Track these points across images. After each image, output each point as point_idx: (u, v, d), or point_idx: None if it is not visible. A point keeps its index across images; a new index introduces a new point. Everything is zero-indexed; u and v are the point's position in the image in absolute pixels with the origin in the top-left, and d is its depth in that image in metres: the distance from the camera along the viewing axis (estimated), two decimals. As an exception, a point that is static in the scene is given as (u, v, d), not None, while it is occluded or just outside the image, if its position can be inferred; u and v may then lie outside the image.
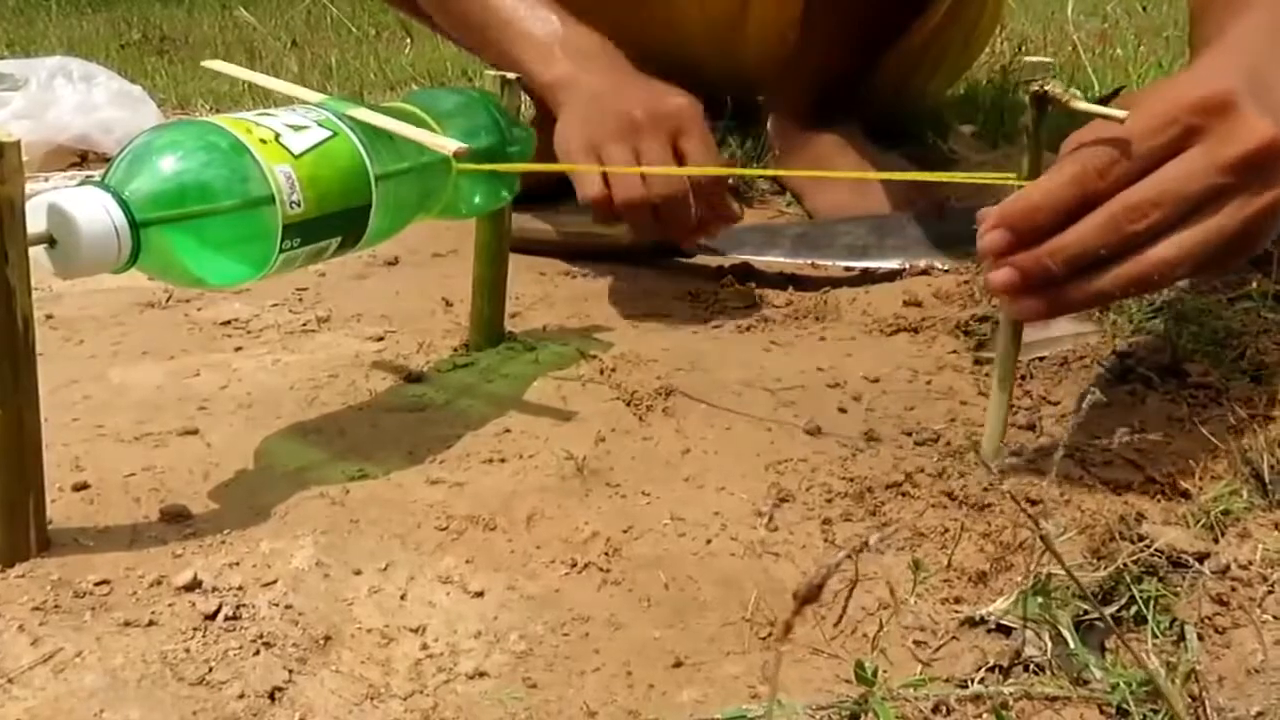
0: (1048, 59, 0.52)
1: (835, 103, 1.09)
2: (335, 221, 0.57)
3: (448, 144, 0.61)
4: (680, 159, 0.79)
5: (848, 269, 0.94)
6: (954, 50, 1.20)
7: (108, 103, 1.42)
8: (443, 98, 0.69)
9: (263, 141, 0.54)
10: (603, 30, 1.17)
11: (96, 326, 0.84)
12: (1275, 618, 0.46)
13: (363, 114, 0.61)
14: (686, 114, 0.80)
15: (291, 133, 0.56)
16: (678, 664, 0.47)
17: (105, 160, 1.40)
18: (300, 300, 0.89)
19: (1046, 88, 0.52)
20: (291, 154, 0.55)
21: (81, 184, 0.51)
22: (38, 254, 0.49)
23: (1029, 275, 0.52)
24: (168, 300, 0.89)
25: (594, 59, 0.85)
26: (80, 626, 0.47)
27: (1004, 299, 0.54)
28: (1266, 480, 0.55)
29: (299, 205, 0.54)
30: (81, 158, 1.42)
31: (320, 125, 0.58)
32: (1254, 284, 0.77)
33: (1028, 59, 0.53)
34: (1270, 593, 0.47)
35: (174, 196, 0.52)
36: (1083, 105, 0.52)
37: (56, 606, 0.49)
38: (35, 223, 0.49)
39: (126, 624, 0.48)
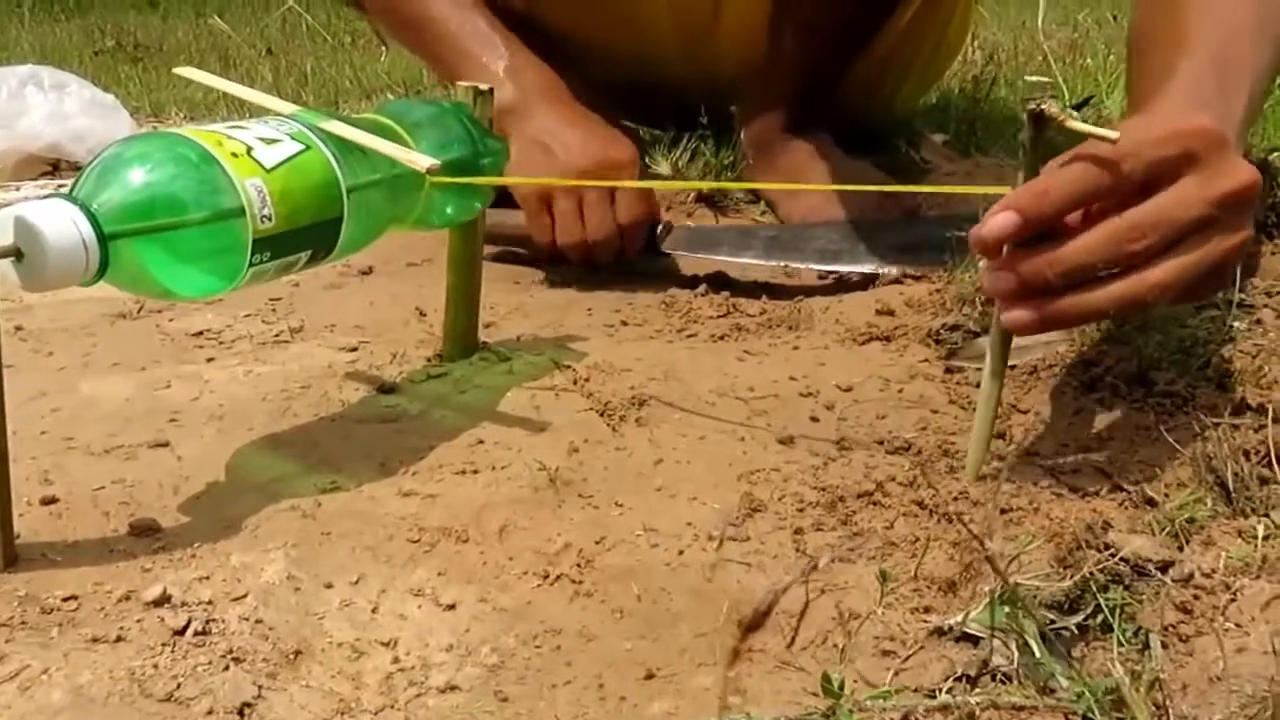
0: (1047, 79, 0.53)
1: (807, 111, 1.09)
2: (306, 235, 0.57)
3: (420, 160, 0.61)
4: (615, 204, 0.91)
5: (821, 276, 0.94)
6: (922, 59, 1.21)
7: (80, 111, 1.41)
8: (415, 109, 0.69)
9: (234, 155, 0.54)
10: (576, 39, 1.18)
11: (66, 338, 0.83)
12: (1237, 626, 0.47)
13: (335, 127, 0.61)
14: (625, 168, 0.91)
15: (263, 146, 0.56)
16: (649, 676, 0.48)
17: (77, 169, 1.39)
18: (273, 310, 0.89)
19: (1043, 107, 0.53)
20: (263, 168, 0.55)
21: (49, 196, 0.50)
22: (4, 267, 0.49)
23: (1026, 282, 0.52)
24: (139, 311, 0.88)
25: (538, 90, 0.94)
26: (47, 643, 0.47)
27: (998, 306, 0.55)
28: (1230, 488, 0.56)
29: (270, 219, 0.54)
30: (53, 167, 1.42)
31: (293, 138, 0.58)
32: (1219, 292, 0.78)
33: (1029, 78, 0.54)
34: (1233, 601, 0.48)
35: (143, 209, 0.51)
36: (1078, 125, 0.52)
37: (23, 623, 0.48)
38: (2, 235, 0.48)
39: (94, 640, 0.47)
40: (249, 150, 0.55)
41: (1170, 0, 0.68)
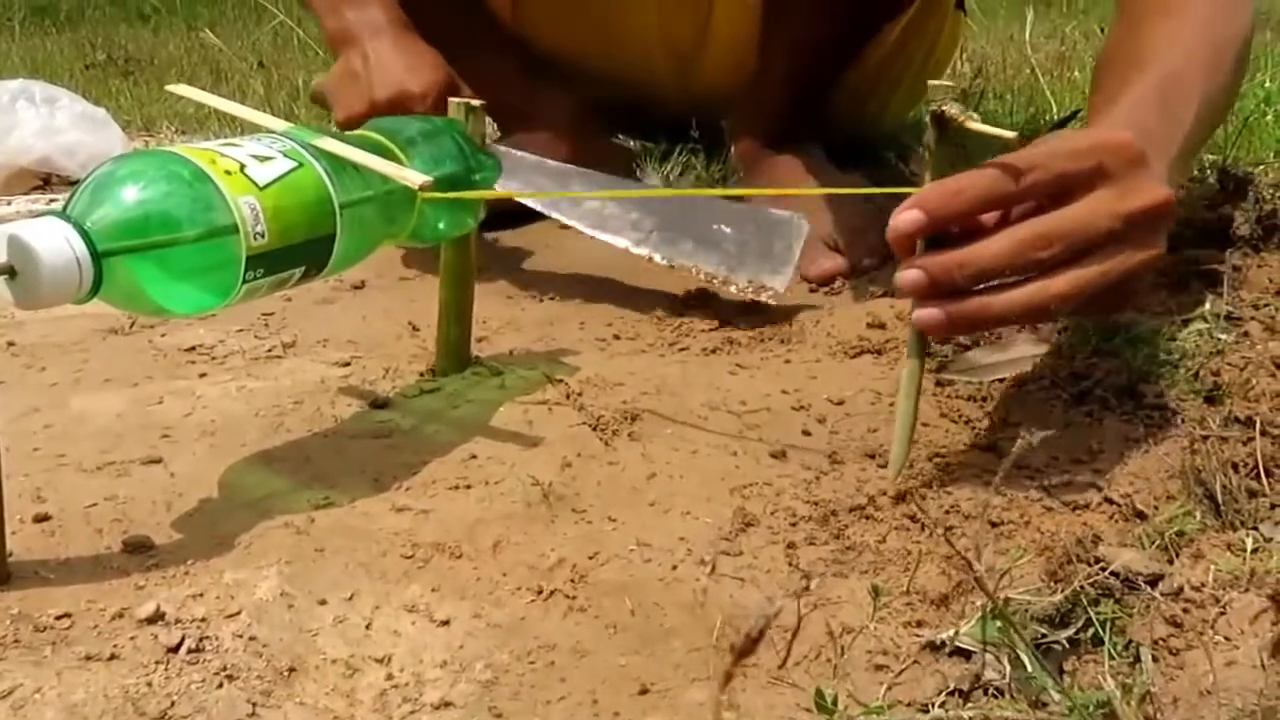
0: (949, 83, 0.56)
1: (797, 125, 1.10)
2: (299, 252, 0.57)
3: (413, 177, 0.61)
4: None
5: (810, 290, 0.94)
6: (910, 73, 1.22)
7: (71, 126, 1.41)
8: (407, 125, 0.69)
9: (227, 172, 0.54)
10: (566, 55, 1.18)
11: (58, 353, 0.83)
12: (1227, 639, 0.47)
13: (328, 144, 0.61)
14: (421, 99, 0.87)
15: (256, 164, 0.56)
16: (643, 691, 0.48)
17: (68, 183, 1.39)
18: (266, 326, 0.89)
19: (944, 108, 0.55)
20: (256, 185, 0.55)
21: (42, 215, 0.51)
22: (-2, 285, 0.49)
23: (935, 280, 0.54)
24: (131, 326, 0.88)
25: (367, 21, 0.93)
26: (40, 661, 0.47)
27: (911, 305, 0.56)
28: (1219, 501, 0.56)
29: (263, 237, 0.54)
30: (44, 181, 1.41)
31: (286, 156, 0.58)
32: (1206, 305, 0.78)
33: (933, 81, 0.57)
34: (1222, 614, 0.48)
35: (136, 226, 0.52)
36: (977, 126, 0.55)
37: (16, 641, 0.48)
38: (-5, 254, 0.49)
39: (88, 658, 0.47)
40: (242, 168, 0.55)
41: (1134, 25, 0.70)
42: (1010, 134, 0.55)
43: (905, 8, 1.11)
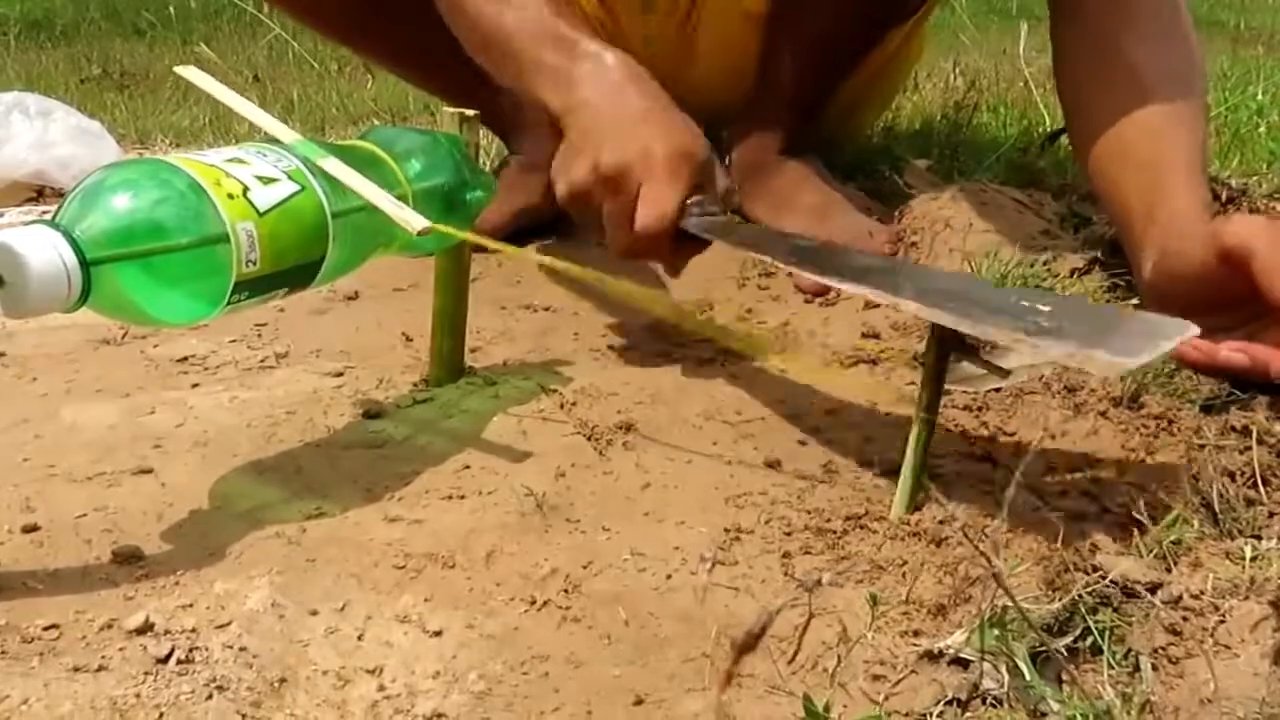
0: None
1: (799, 135, 1.10)
2: (286, 276, 0.57)
3: (414, 221, 0.61)
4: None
5: (806, 300, 0.94)
6: (894, 83, 1.23)
7: (65, 138, 1.41)
8: (403, 137, 0.69)
9: (230, 196, 0.54)
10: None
11: (50, 364, 0.83)
12: (1226, 647, 0.47)
13: (333, 166, 0.60)
14: (647, 167, 0.73)
15: (260, 186, 0.56)
16: (638, 702, 0.47)
17: (62, 196, 1.39)
18: (259, 336, 0.88)
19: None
20: (256, 211, 0.55)
21: (32, 223, 0.50)
22: (-14, 293, 0.49)
23: None
24: (123, 337, 0.88)
25: (603, 85, 0.78)
26: (28, 673, 0.46)
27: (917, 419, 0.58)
28: (1217, 510, 0.56)
29: (255, 264, 0.54)
30: (38, 193, 1.41)
31: (290, 177, 0.57)
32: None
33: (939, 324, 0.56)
34: (1221, 622, 0.48)
35: (125, 235, 0.51)
36: (974, 365, 0.59)
37: (3, 652, 0.48)
38: (-16, 262, 0.48)
39: (76, 669, 0.47)
40: (245, 191, 0.55)
41: (1125, 106, 0.81)
42: (1000, 379, 0.59)
43: (909, 16, 1.12)
